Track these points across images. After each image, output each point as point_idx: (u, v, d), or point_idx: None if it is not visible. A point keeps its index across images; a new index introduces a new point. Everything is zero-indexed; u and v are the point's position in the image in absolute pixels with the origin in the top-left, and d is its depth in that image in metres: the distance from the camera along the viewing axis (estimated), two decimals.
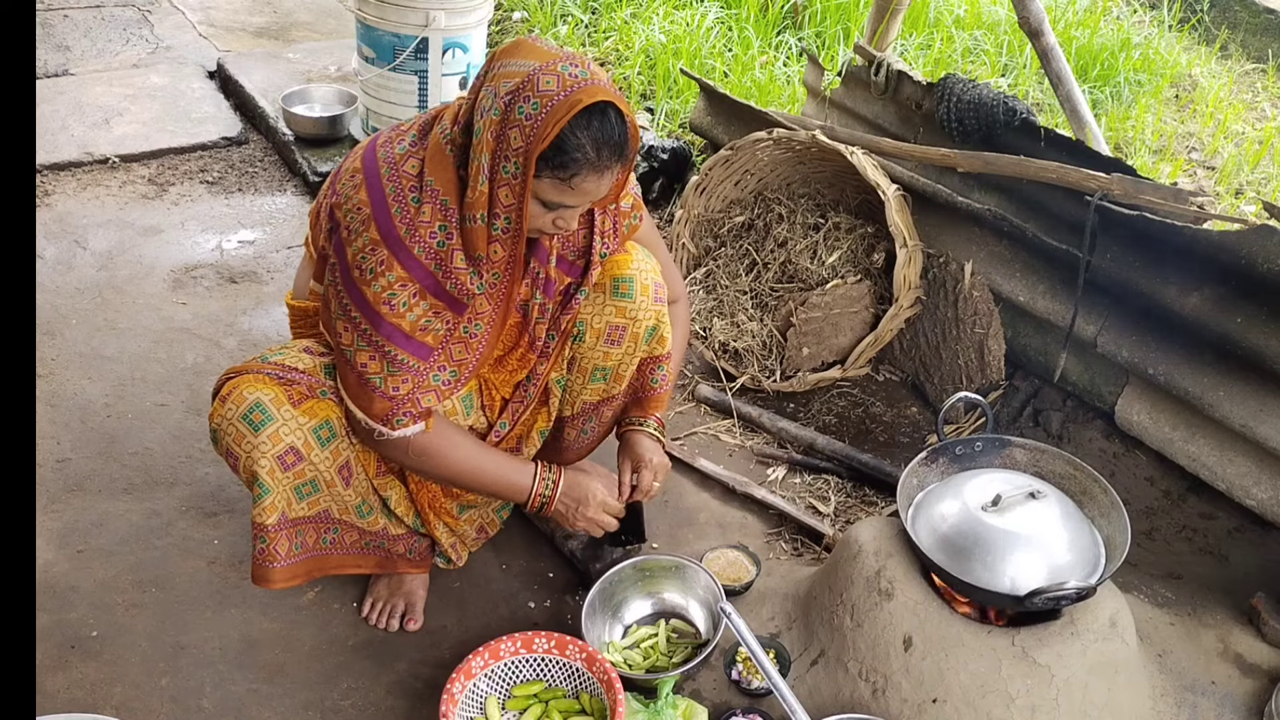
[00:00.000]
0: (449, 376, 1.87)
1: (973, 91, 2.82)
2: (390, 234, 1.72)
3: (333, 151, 3.69)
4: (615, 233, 1.97)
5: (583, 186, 1.69)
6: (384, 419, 1.82)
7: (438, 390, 1.86)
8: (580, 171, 1.67)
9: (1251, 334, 2.29)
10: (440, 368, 1.85)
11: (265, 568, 1.92)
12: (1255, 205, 3.79)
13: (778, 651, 2.05)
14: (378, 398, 1.80)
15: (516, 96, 1.63)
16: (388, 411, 1.81)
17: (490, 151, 1.67)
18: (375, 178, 1.75)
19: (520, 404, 2.08)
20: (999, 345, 2.77)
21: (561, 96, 1.62)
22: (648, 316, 2.02)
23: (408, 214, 1.73)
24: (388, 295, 1.74)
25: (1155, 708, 1.97)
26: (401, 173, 1.74)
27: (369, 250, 1.73)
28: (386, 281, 1.73)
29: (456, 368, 1.88)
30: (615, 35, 4.55)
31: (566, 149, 1.64)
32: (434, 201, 1.73)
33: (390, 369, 1.79)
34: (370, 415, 1.82)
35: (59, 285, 3.03)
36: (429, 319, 1.79)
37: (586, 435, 2.20)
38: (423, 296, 1.76)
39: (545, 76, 1.63)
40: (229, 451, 1.86)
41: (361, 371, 1.79)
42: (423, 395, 1.83)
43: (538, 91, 1.62)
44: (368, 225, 1.73)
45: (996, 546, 1.87)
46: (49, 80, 4.05)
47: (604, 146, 1.66)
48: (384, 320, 1.75)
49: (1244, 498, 2.38)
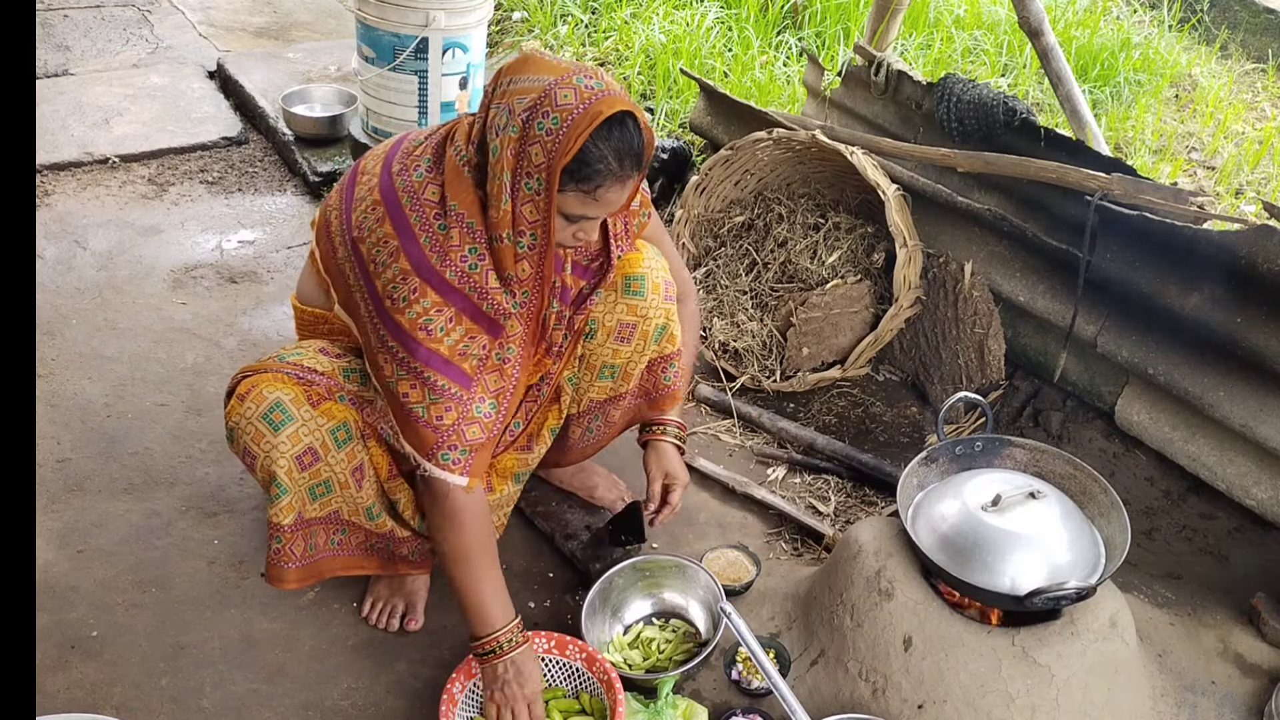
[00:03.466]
0: (489, 408, 1.84)
1: (973, 91, 2.82)
2: (422, 264, 1.72)
3: (332, 151, 3.69)
4: (627, 233, 1.99)
5: (606, 197, 1.69)
6: (430, 452, 1.79)
7: (481, 422, 1.83)
8: (604, 183, 1.67)
9: (1251, 334, 2.29)
10: (480, 399, 1.82)
11: (280, 568, 1.92)
12: (1255, 205, 3.79)
13: (778, 651, 2.05)
14: (423, 429, 1.78)
15: (535, 112, 1.63)
16: (434, 443, 1.79)
17: (511, 170, 1.66)
18: (398, 209, 1.74)
19: (533, 403, 2.08)
20: (999, 345, 2.77)
21: (581, 109, 1.62)
22: (658, 315, 2.03)
23: (437, 242, 1.72)
24: (424, 321, 1.73)
25: (1155, 708, 1.97)
26: (423, 200, 1.74)
27: (400, 280, 1.73)
28: (421, 308, 1.73)
29: (495, 399, 1.86)
30: (615, 35, 4.54)
31: (589, 161, 1.64)
32: (460, 225, 1.72)
33: (432, 397, 1.77)
34: (419, 450, 1.80)
35: (59, 285, 3.03)
36: (466, 343, 1.78)
37: (591, 434, 2.21)
38: (459, 321, 1.76)
39: (562, 90, 1.62)
40: (247, 450, 1.85)
41: (404, 402, 1.78)
42: (468, 427, 1.80)
43: (556, 106, 1.62)
44: (396, 257, 1.72)
45: (996, 546, 1.87)
46: (49, 80, 4.05)
47: (625, 157, 1.67)
48: (421, 346, 1.74)
49: (1244, 498, 2.38)
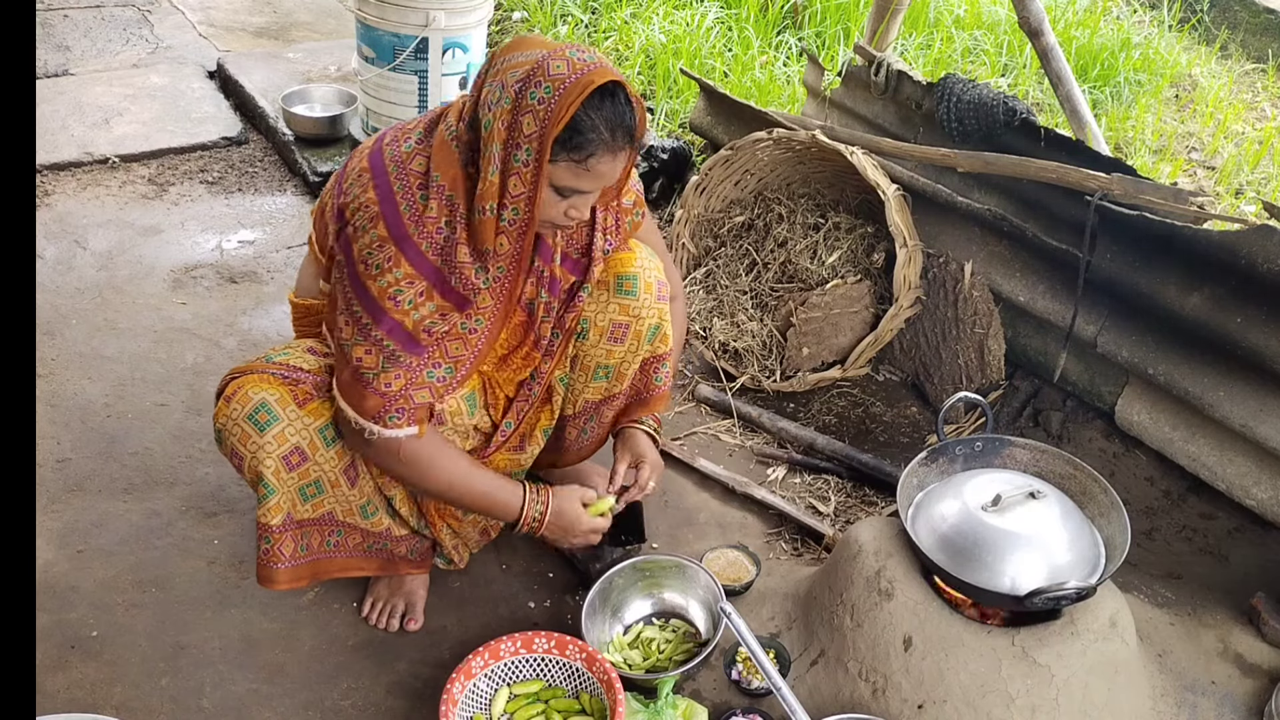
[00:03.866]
0: (444, 373, 1.86)
1: (973, 91, 2.82)
2: (397, 230, 1.73)
3: (333, 151, 3.69)
4: (618, 229, 1.98)
5: (598, 168, 1.70)
6: (375, 416, 1.80)
7: (432, 386, 1.85)
8: (596, 152, 1.67)
9: (1251, 334, 2.29)
10: (435, 364, 1.84)
11: (270, 568, 1.92)
12: (1255, 205, 3.79)
13: (778, 651, 2.05)
14: (370, 394, 1.79)
15: (527, 83, 1.64)
16: (379, 408, 1.80)
17: (502, 141, 1.67)
18: (383, 176, 1.76)
19: (525, 402, 2.07)
20: (999, 345, 2.77)
21: (574, 79, 1.63)
22: (651, 315, 2.02)
23: (415, 210, 1.73)
24: (394, 291, 1.74)
25: (1155, 708, 1.97)
26: (408, 171, 1.75)
27: (376, 246, 1.73)
28: (393, 277, 1.73)
29: (453, 364, 1.87)
30: (615, 35, 4.55)
31: (582, 130, 1.65)
32: (440, 197, 1.73)
33: (385, 365, 1.78)
34: (362, 413, 1.80)
35: (59, 285, 3.03)
36: (433, 320, 1.79)
37: (587, 435, 2.20)
38: (430, 296, 1.76)
39: (555, 61, 1.64)
40: (234, 451, 1.86)
41: (356, 366, 1.78)
42: (416, 392, 1.82)
43: (549, 76, 1.63)
44: (375, 222, 1.73)
45: (996, 546, 1.87)
46: (49, 80, 4.05)
47: (617, 127, 1.67)
48: (387, 315, 1.75)
49: (1244, 498, 2.38)
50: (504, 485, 1.99)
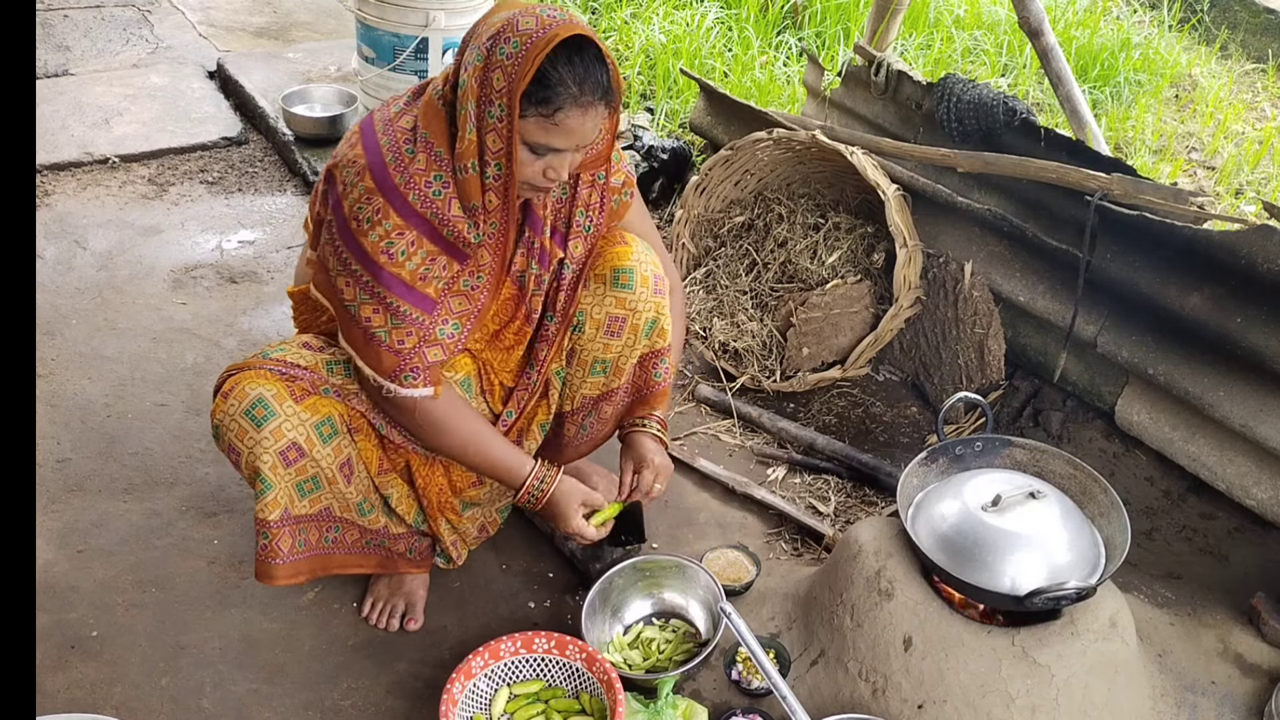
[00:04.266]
0: (453, 330, 1.87)
1: (973, 91, 2.82)
2: (385, 181, 1.74)
3: (332, 151, 3.69)
4: (602, 207, 1.98)
5: (567, 124, 1.69)
6: (392, 374, 1.82)
7: (443, 344, 1.86)
8: (563, 106, 1.67)
9: (1251, 334, 2.29)
10: (444, 320, 1.85)
11: (268, 564, 1.92)
12: (1255, 205, 3.79)
13: (778, 651, 2.05)
14: (385, 352, 1.80)
15: (497, 39, 1.66)
16: (395, 366, 1.81)
17: (475, 98, 1.68)
18: (371, 134, 1.79)
19: (525, 392, 2.08)
20: (999, 345, 2.77)
21: (540, 33, 1.64)
22: (648, 308, 2.02)
23: (402, 162, 1.75)
24: (385, 245, 1.75)
25: (1155, 708, 1.97)
26: (396, 128, 1.77)
27: (364, 199, 1.75)
28: (384, 230, 1.74)
29: (459, 320, 1.88)
30: (615, 35, 4.55)
31: (548, 83, 1.65)
32: (428, 151, 1.75)
33: (394, 321, 1.79)
34: (379, 371, 1.82)
35: (59, 285, 3.03)
36: (428, 266, 1.79)
37: (586, 432, 2.20)
38: (420, 244, 1.77)
39: (524, 18, 1.66)
40: (231, 447, 1.86)
41: (366, 326, 1.80)
42: (429, 349, 1.84)
43: (517, 31, 1.65)
44: (363, 175, 1.75)
45: (996, 546, 1.87)
46: (49, 80, 4.05)
47: (585, 81, 1.67)
48: (383, 270, 1.76)
49: (1244, 498, 2.38)
50: (515, 455, 1.99)
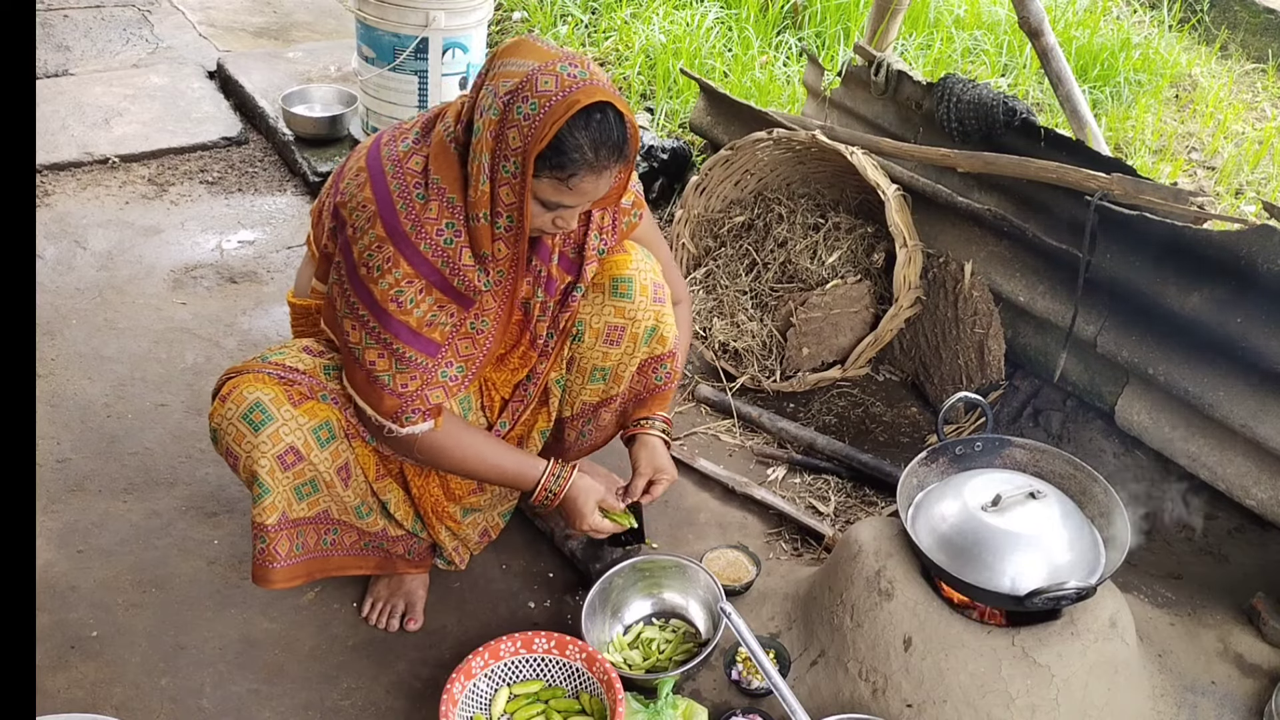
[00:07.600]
0: (456, 372, 1.88)
1: (973, 91, 2.82)
2: (396, 230, 1.73)
3: (333, 151, 3.69)
4: (614, 229, 1.97)
5: (581, 187, 1.70)
6: (393, 416, 1.83)
7: (446, 386, 1.87)
8: (578, 172, 1.67)
9: (1251, 334, 2.29)
10: (448, 364, 1.86)
11: (265, 568, 1.92)
12: (1255, 205, 3.79)
13: (778, 651, 2.05)
14: (386, 395, 1.81)
15: (515, 96, 1.63)
16: (397, 409, 1.82)
17: (490, 151, 1.67)
18: (380, 175, 1.76)
19: (520, 404, 2.08)
20: (999, 345, 2.77)
21: (560, 97, 1.62)
22: (647, 317, 2.02)
23: (413, 210, 1.73)
24: (395, 293, 1.74)
25: (1155, 708, 1.97)
26: (406, 169, 1.75)
27: (375, 247, 1.73)
28: (393, 279, 1.74)
29: (464, 364, 1.89)
30: (615, 35, 4.55)
31: (564, 150, 1.64)
32: (440, 199, 1.73)
33: (399, 366, 1.79)
34: (380, 413, 1.83)
35: (59, 285, 3.03)
36: (435, 313, 1.79)
37: (585, 438, 2.20)
38: (429, 292, 1.77)
39: (544, 77, 1.63)
40: (229, 451, 1.86)
41: (370, 369, 1.80)
42: (431, 391, 1.84)
43: (536, 91, 1.62)
44: (373, 222, 1.73)
45: (996, 546, 1.87)
46: (49, 80, 4.05)
47: (602, 147, 1.67)
48: (391, 318, 1.76)
49: (1244, 498, 2.38)
50: (523, 460, 2.00)
